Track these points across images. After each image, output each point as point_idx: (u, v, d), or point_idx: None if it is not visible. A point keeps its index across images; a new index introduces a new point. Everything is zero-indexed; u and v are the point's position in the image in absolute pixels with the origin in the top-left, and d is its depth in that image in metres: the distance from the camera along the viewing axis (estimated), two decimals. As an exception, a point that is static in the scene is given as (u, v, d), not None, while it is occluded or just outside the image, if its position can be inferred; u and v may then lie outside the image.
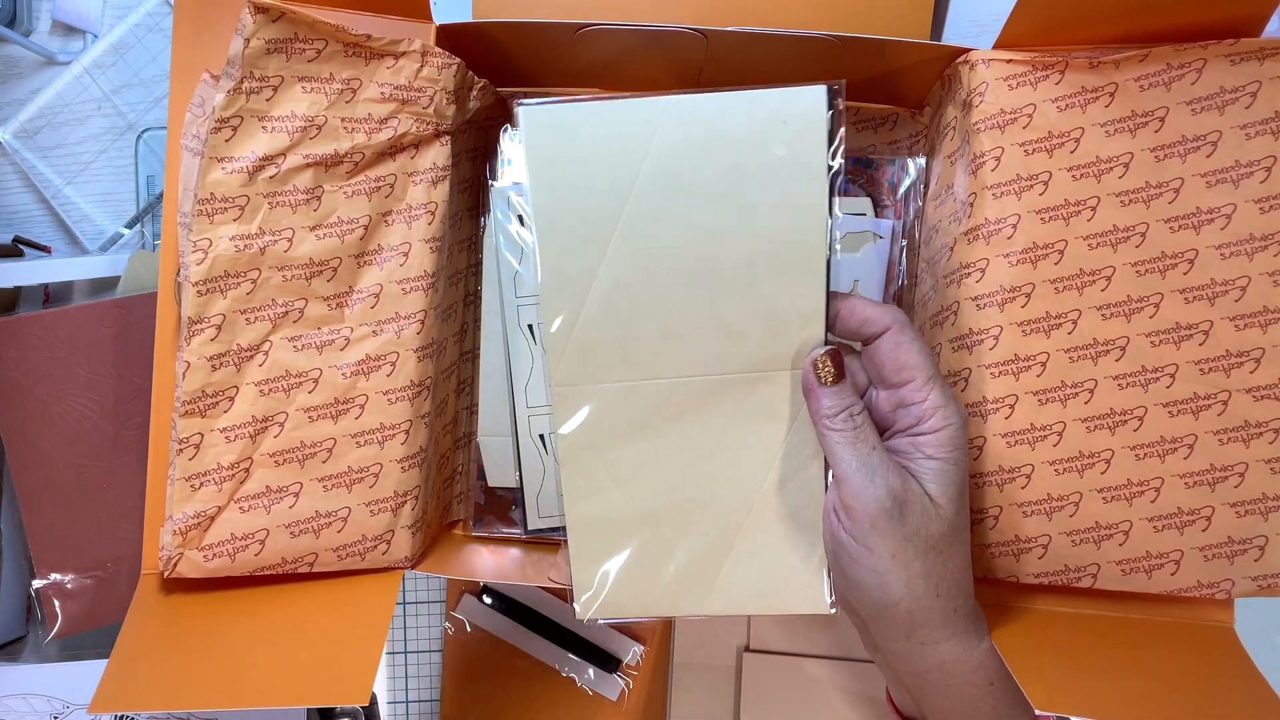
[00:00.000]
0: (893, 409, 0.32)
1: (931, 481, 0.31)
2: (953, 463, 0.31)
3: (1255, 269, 0.35)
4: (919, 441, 0.32)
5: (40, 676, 0.44)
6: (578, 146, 0.31)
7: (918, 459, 0.32)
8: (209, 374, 0.36)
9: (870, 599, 0.32)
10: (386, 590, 0.37)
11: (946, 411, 0.31)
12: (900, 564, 0.31)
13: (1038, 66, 0.36)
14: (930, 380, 0.32)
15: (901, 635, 0.32)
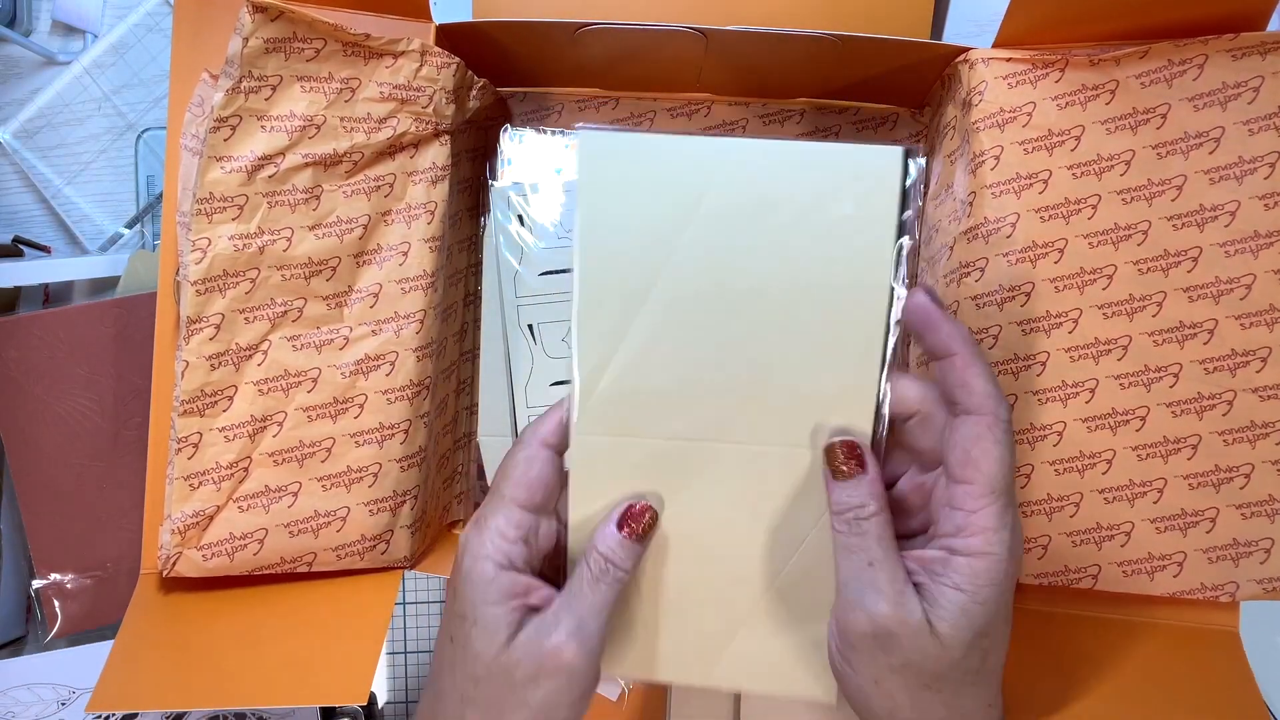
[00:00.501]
0: (943, 504, 0.27)
1: (945, 614, 0.26)
2: (978, 601, 0.26)
3: (1260, 266, 0.35)
4: (950, 561, 0.27)
5: (43, 665, 0.44)
6: (633, 181, 0.29)
7: (940, 582, 0.27)
8: (208, 373, 0.35)
9: (860, 713, 0.28)
10: (386, 590, 0.37)
11: (993, 538, 0.26)
12: (884, 693, 0.27)
13: (1037, 65, 0.36)
14: (992, 494, 0.26)
15: None
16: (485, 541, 0.29)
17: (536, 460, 0.30)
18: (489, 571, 0.29)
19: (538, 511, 0.30)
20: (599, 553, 0.29)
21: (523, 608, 0.29)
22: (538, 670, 0.28)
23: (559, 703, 0.28)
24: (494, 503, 0.30)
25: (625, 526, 0.29)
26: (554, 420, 0.30)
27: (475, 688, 0.28)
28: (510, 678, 0.28)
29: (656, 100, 0.47)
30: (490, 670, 0.28)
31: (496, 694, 0.28)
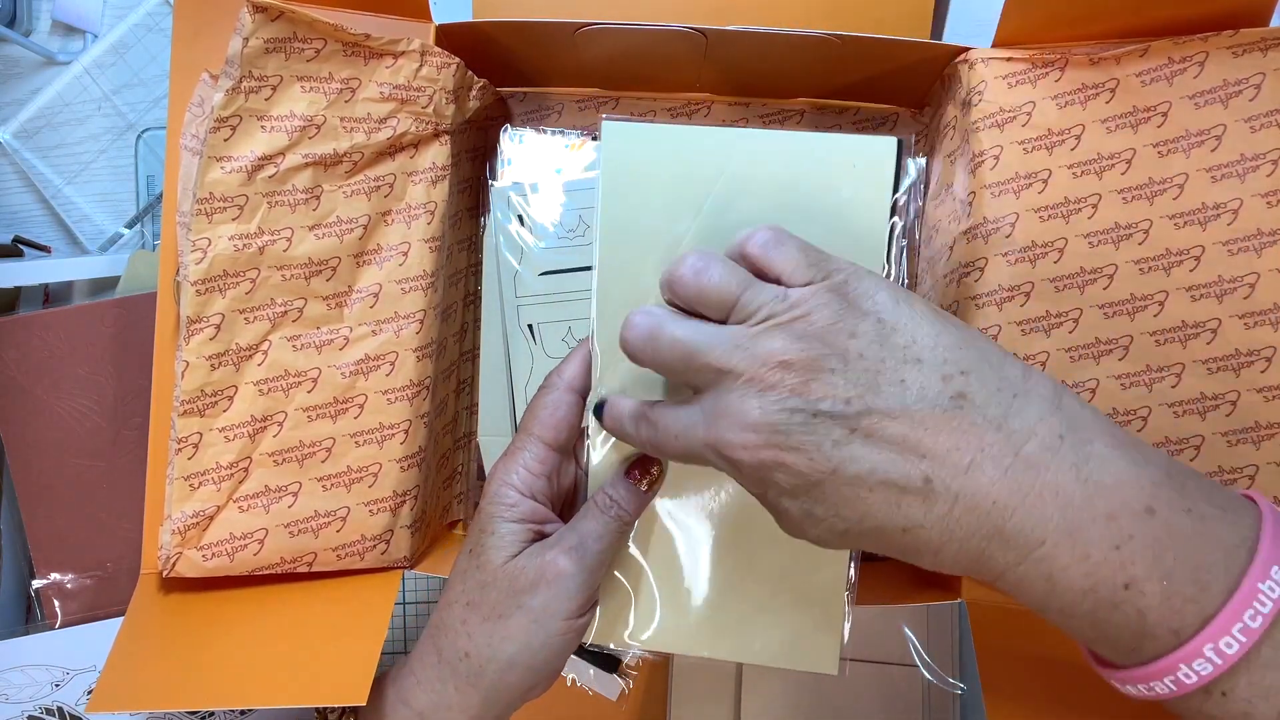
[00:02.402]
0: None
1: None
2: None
3: (1264, 265, 0.34)
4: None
5: (37, 647, 0.44)
6: (651, 166, 0.32)
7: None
8: (208, 373, 0.35)
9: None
10: (385, 590, 0.37)
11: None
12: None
13: (1037, 64, 0.36)
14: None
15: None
16: (511, 471, 0.32)
17: (563, 404, 0.33)
18: (511, 496, 0.32)
19: (561, 451, 0.33)
20: (606, 492, 0.32)
21: (536, 532, 0.32)
22: (538, 578, 0.31)
23: (554, 610, 0.31)
24: (521, 439, 0.33)
25: (633, 474, 0.32)
26: (578, 364, 0.33)
27: (481, 593, 0.31)
28: (513, 584, 0.31)
29: (656, 100, 0.47)
30: (496, 577, 0.31)
31: (499, 599, 0.31)
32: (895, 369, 0.24)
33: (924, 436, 0.24)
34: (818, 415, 0.24)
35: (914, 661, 0.47)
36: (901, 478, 0.24)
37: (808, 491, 0.25)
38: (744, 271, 0.27)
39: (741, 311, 0.26)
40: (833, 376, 0.24)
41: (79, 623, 0.45)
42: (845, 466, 0.24)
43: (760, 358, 0.25)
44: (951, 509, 0.24)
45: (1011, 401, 0.24)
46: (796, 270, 0.26)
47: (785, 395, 0.24)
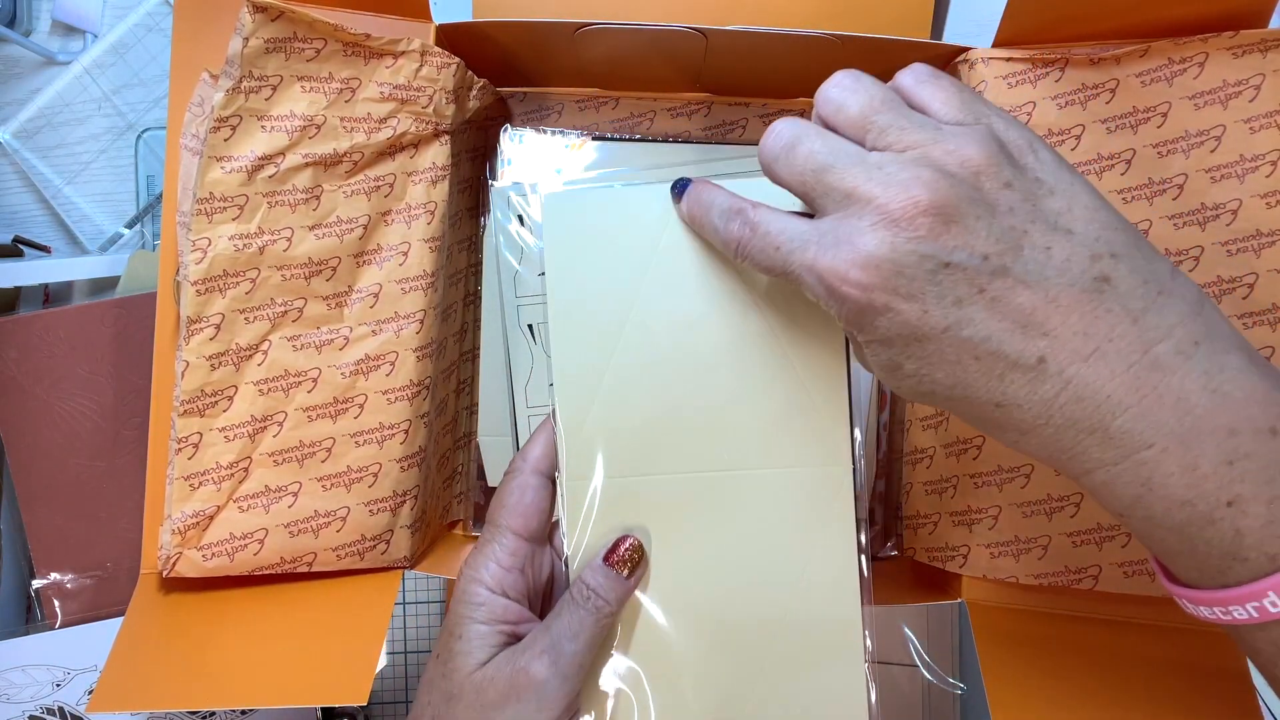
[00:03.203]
0: None
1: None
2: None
3: (1263, 265, 0.35)
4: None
5: (38, 647, 0.44)
6: (594, 234, 0.31)
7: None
8: (208, 373, 0.35)
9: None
10: (386, 590, 0.37)
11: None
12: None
13: (1037, 64, 0.36)
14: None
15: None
16: (480, 566, 0.30)
17: (529, 488, 0.30)
18: (480, 594, 0.29)
19: (533, 539, 0.30)
20: (583, 581, 0.29)
21: (509, 634, 0.29)
22: (509, 689, 0.27)
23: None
24: (489, 530, 0.30)
25: (611, 560, 0.30)
26: (542, 445, 0.31)
27: (448, 707, 0.28)
28: (482, 697, 0.28)
29: (656, 100, 0.47)
30: (463, 688, 0.28)
31: (466, 715, 0.28)
32: (1043, 234, 0.22)
33: (1053, 313, 0.22)
34: (949, 266, 0.22)
35: (914, 661, 0.47)
36: (1015, 352, 0.22)
37: (906, 343, 0.23)
38: (895, 96, 0.25)
39: (885, 135, 0.24)
40: (975, 224, 0.22)
41: (79, 623, 0.45)
42: (958, 328, 0.22)
43: (898, 188, 0.22)
44: (1058, 394, 0.22)
45: (1155, 297, 0.22)
46: (950, 106, 0.24)
47: (918, 236, 0.22)
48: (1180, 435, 0.21)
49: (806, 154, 0.24)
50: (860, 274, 0.22)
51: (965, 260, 0.22)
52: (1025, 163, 0.23)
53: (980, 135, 0.23)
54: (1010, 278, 0.22)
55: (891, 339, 0.23)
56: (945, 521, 0.38)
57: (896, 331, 0.23)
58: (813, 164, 0.24)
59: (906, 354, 0.23)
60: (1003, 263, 0.22)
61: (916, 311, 0.22)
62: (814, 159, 0.24)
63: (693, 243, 0.31)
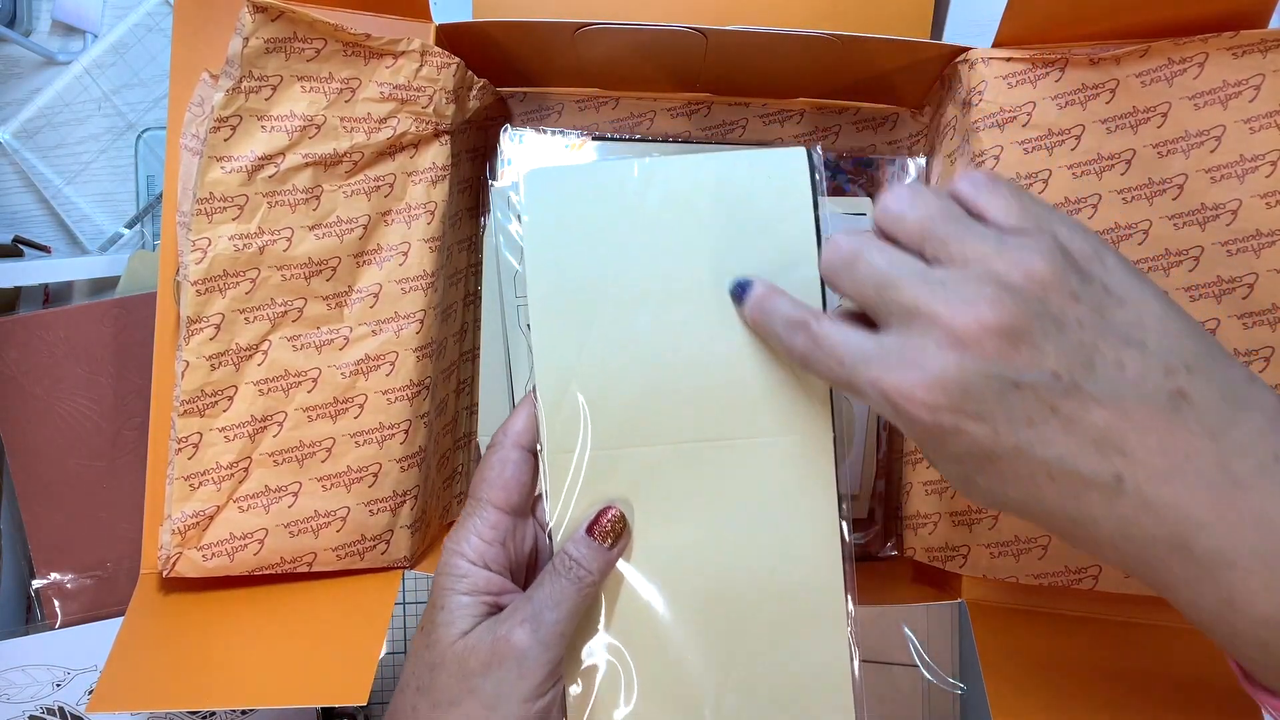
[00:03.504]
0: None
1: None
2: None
3: (1263, 265, 0.35)
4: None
5: (38, 647, 0.44)
6: (571, 209, 0.31)
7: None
8: (208, 373, 0.35)
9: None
10: (386, 590, 0.37)
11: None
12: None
13: (1037, 64, 0.36)
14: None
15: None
16: (462, 540, 0.30)
17: (510, 462, 0.30)
18: (461, 566, 0.29)
19: (515, 513, 0.30)
20: (565, 553, 0.29)
21: (491, 604, 0.29)
22: (490, 657, 0.28)
23: (509, 694, 0.27)
24: (471, 504, 0.30)
25: (593, 531, 0.30)
26: (524, 419, 0.31)
27: (430, 676, 0.28)
28: (464, 666, 0.28)
29: (656, 100, 0.47)
30: (445, 658, 0.28)
31: (449, 683, 0.28)
32: (1114, 348, 0.22)
33: (1129, 431, 0.21)
34: (1019, 386, 0.21)
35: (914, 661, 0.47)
36: (1091, 471, 0.21)
37: (977, 461, 0.22)
38: (956, 206, 0.24)
39: (946, 247, 0.23)
40: (1044, 342, 0.21)
41: (79, 623, 0.45)
42: (1032, 448, 0.22)
43: (963, 306, 0.22)
44: (1137, 513, 0.21)
45: (1233, 412, 0.22)
46: (1010, 213, 0.23)
47: (987, 357, 0.21)
48: (1264, 555, 0.21)
49: (868, 268, 0.24)
50: (928, 395, 0.22)
51: (1036, 379, 0.21)
52: (1092, 271, 0.23)
53: (1044, 245, 0.22)
54: (1083, 395, 0.21)
55: (962, 457, 0.23)
56: (945, 521, 0.38)
57: (967, 450, 0.23)
58: (874, 279, 0.24)
59: (978, 471, 0.23)
60: (1074, 380, 0.21)
61: (987, 432, 0.22)
62: (875, 274, 0.24)
63: (674, 215, 0.31)
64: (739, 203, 0.31)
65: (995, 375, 0.22)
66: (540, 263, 0.31)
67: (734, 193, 0.31)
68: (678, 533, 0.31)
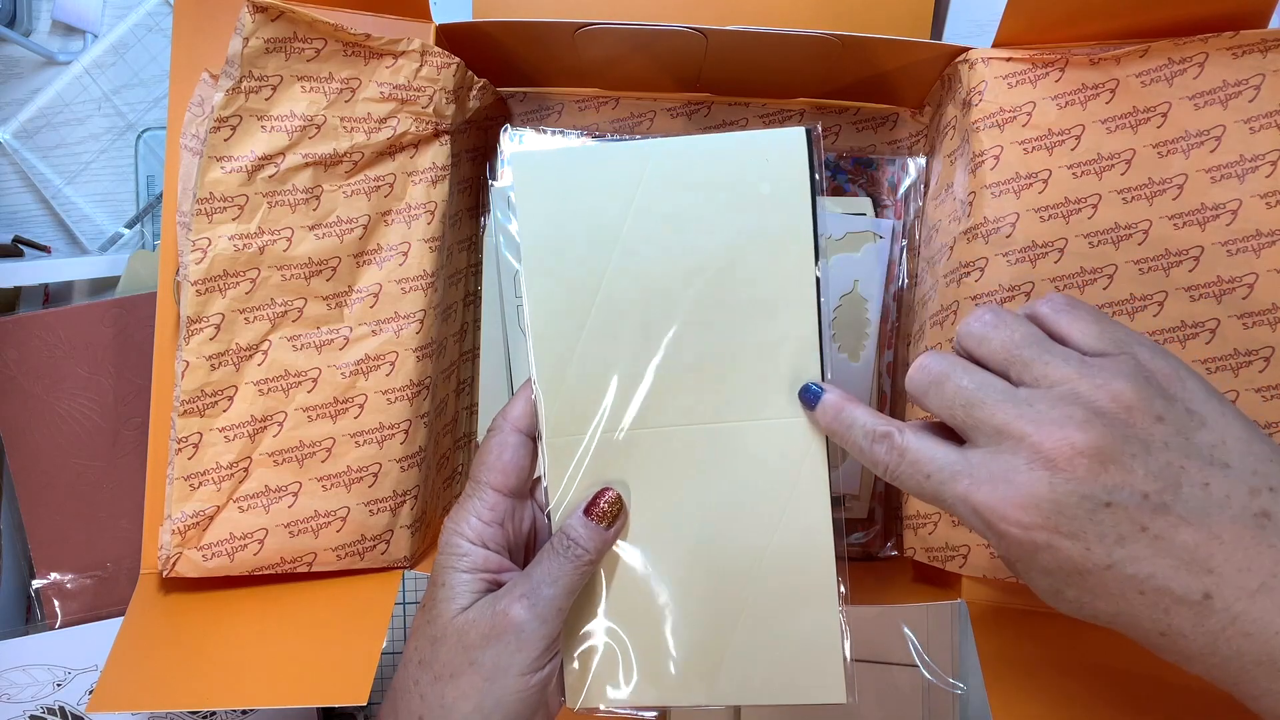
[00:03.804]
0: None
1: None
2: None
3: (1263, 265, 0.35)
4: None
5: (38, 647, 0.44)
6: (566, 192, 0.31)
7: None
8: (208, 373, 0.35)
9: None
10: (386, 590, 0.37)
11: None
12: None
13: (1037, 64, 0.36)
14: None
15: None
16: (461, 520, 0.30)
17: (509, 446, 0.31)
18: (462, 545, 0.30)
19: (514, 494, 0.31)
20: (564, 532, 0.30)
21: (491, 581, 0.30)
22: (489, 631, 0.29)
23: (507, 666, 0.28)
24: (470, 486, 0.31)
25: (591, 512, 0.30)
26: (523, 403, 0.32)
27: (432, 649, 0.29)
28: (464, 639, 0.29)
29: (656, 100, 0.47)
30: (446, 632, 0.29)
31: (449, 656, 0.29)
32: (1200, 470, 0.23)
33: (1216, 550, 0.22)
34: (1109, 505, 0.22)
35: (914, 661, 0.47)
36: (1180, 588, 0.22)
37: (1068, 576, 0.23)
38: (1038, 330, 0.25)
39: (1030, 369, 0.24)
40: (1132, 463, 0.22)
41: (79, 623, 0.45)
42: (1123, 566, 0.22)
43: (1052, 427, 0.23)
44: (1225, 628, 0.22)
45: None
46: (1090, 336, 0.25)
47: (1077, 477, 0.22)
48: None
49: (954, 389, 0.25)
50: (1021, 514, 0.23)
51: (1126, 499, 0.22)
52: (1174, 393, 0.24)
53: (1127, 368, 0.23)
54: (1172, 515, 0.22)
55: (1053, 571, 0.24)
56: (945, 521, 0.38)
57: (1058, 566, 0.23)
58: (961, 399, 0.25)
59: (1068, 585, 0.24)
60: (1163, 500, 0.22)
61: (1079, 549, 0.23)
62: (962, 394, 0.25)
63: (669, 198, 0.30)
64: (736, 186, 0.30)
65: (1087, 495, 0.23)
66: (534, 248, 0.31)
67: (731, 173, 0.30)
68: (674, 514, 0.31)
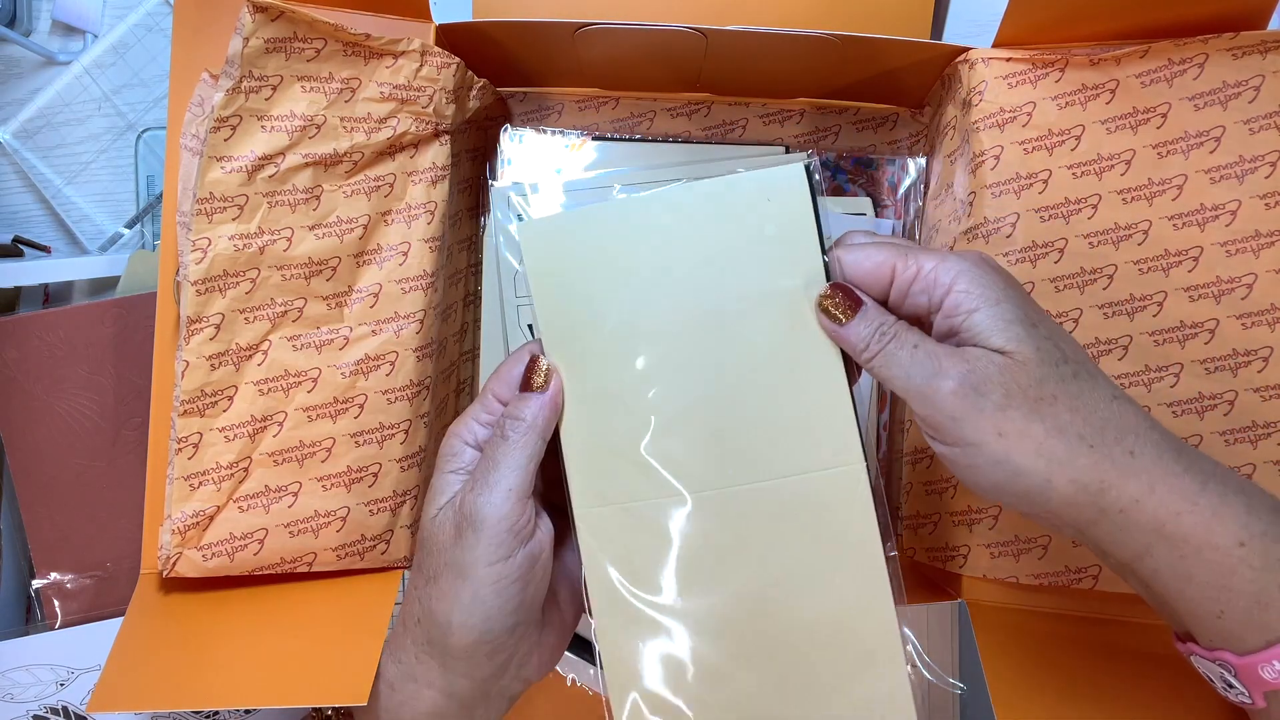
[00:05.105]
0: (917, 314, 0.28)
1: (990, 334, 0.26)
2: (994, 301, 0.26)
3: (1262, 265, 0.35)
4: (949, 312, 0.26)
5: (41, 646, 0.44)
6: (575, 256, 0.30)
7: (962, 326, 0.26)
8: (208, 373, 0.35)
9: (1021, 495, 0.25)
10: (386, 590, 0.37)
11: (945, 264, 0.27)
12: (1016, 439, 0.25)
13: (1037, 64, 0.36)
14: (908, 254, 0.27)
15: (1090, 515, 0.25)
16: (461, 424, 0.31)
17: (521, 361, 0.31)
18: (456, 446, 0.30)
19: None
20: (503, 415, 0.30)
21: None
22: (454, 530, 0.29)
23: (475, 559, 0.28)
24: (480, 396, 0.31)
25: (523, 384, 0.30)
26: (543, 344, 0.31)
27: (422, 553, 0.30)
28: (436, 541, 0.29)
29: (656, 100, 0.47)
30: (425, 535, 0.30)
31: (429, 559, 0.29)
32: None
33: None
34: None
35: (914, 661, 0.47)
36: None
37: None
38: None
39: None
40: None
41: (79, 623, 0.45)
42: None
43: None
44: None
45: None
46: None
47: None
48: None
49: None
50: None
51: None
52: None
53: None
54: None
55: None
56: (945, 521, 0.38)
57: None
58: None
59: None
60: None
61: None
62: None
63: (677, 251, 0.30)
64: (741, 230, 0.30)
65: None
66: (549, 316, 0.30)
67: (734, 220, 0.30)
68: (719, 583, 0.30)
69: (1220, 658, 0.26)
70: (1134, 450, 0.25)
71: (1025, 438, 0.25)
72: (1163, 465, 0.25)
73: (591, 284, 0.30)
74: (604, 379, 0.30)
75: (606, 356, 0.30)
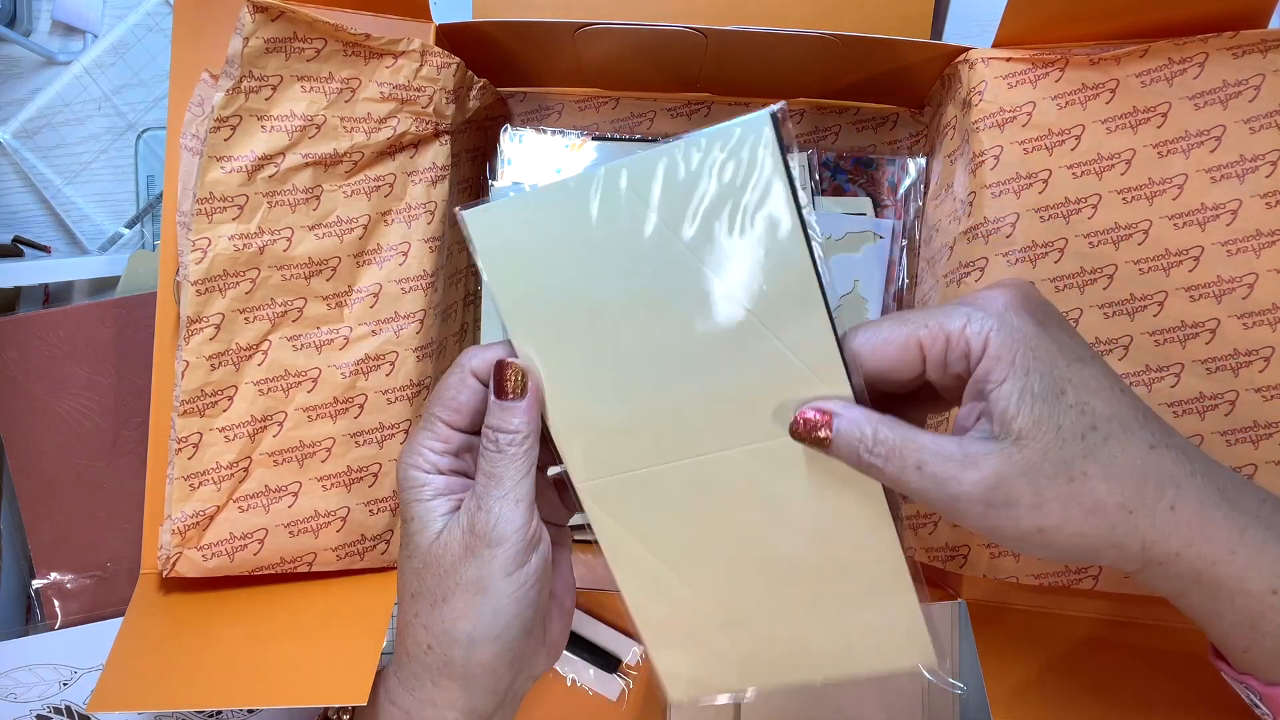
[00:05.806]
0: (960, 377, 0.27)
1: (1013, 415, 0.25)
2: (1023, 371, 0.25)
3: (1262, 265, 0.35)
4: (980, 378, 0.25)
5: (44, 646, 0.44)
6: (529, 240, 0.29)
7: (990, 396, 0.25)
8: (208, 373, 0.35)
9: (1063, 562, 0.26)
10: (386, 590, 0.37)
11: (974, 325, 0.25)
12: (1055, 532, 0.25)
13: (1037, 64, 0.36)
14: (928, 320, 0.26)
15: (1131, 567, 0.25)
16: (414, 454, 0.30)
17: (464, 388, 0.30)
18: (418, 476, 0.30)
19: (466, 430, 0.31)
20: (489, 428, 0.30)
21: (455, 503, 0.30)
22: (462, 549, 0.29)
23: (491, 574, 0.29)
24: (422, 421, 0.31)
25: (500, 394, 0.30)
26: (491, 354, 0.30)
27: (419, 580, 0.30)
28: (443, 563, 0.29)
29: (656, 100, 0.47)
30: (427, 561, 0.30)
31: (436, 582, 0.29)
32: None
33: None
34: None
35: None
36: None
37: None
38: None
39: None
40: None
41: (79, 623, 0.45)
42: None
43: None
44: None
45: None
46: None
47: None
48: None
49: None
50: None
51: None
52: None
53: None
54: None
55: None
56: (945, 521, 0.38)
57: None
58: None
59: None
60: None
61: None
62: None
63: (639, 222, 0.28)
64: (710, 184, 0.28)
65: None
66: (511, 302, 0.30)
67: (702, 176, 0.28)
68: (720, 548, 0.31)
69: (1247, 682, 0.27)
70: (1174, 505, 0.25)
71: (1065, 526, 0.25)
72: (1203, 515, 0.25)
73: (552, 264, 0.29)
74: (581, 356, 0.30)
75: (579, 334, 0.29)
